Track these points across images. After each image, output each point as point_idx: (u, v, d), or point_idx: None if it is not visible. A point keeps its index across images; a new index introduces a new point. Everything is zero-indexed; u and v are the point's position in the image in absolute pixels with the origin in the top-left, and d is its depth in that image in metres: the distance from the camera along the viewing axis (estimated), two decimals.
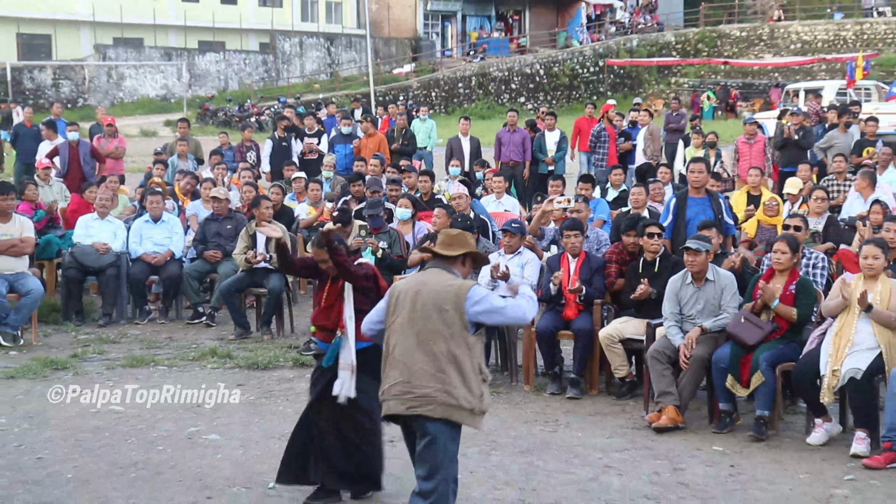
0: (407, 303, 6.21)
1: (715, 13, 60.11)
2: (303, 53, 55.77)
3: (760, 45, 55.01)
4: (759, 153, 18.98)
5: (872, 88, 36.44)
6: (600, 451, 8.65)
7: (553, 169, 19.86)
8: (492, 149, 21.26)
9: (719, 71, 52.60)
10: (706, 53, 54.52)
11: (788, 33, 54.90)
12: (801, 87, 37.43)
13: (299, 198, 15.78)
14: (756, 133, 19.38)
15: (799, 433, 9.11)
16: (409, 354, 6.15)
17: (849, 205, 14.15)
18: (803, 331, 9.28)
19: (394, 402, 6.19)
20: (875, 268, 8.86)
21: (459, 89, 50.87)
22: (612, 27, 59.99)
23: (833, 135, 19.18)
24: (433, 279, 6.26)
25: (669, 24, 61.73)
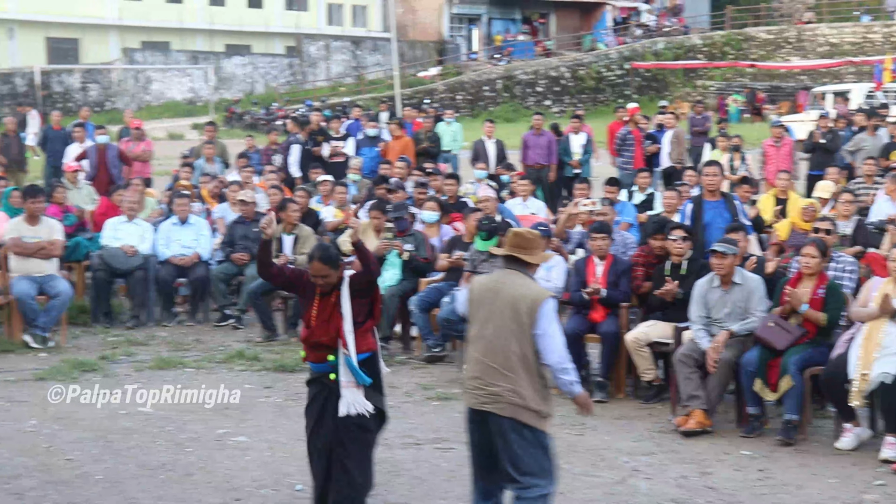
0: (486, 301, 6.35)
1: (741, 16, 59.89)
2: (329, 56, 55.91)
3: (787, 47, 54.76)
4: (786, 156, 18.88)
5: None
6: (627, 455, 8.64)
7: (579, 172, 19.83)
8: (517, 151, 21.25)
9: (746, 74, 52.40)
10: (732, 56, 54.29)
11: (816, 36, 54.63)
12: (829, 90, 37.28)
13: (325, 201, 15.81)
14: (783, 136, 19.29)
15: (828, 437, 9.06)
16: (484, 351, 6.29)
17: (877, 208, 14.05)
18: (832, 334, 9.25)
19: (468, 396, 6.38)
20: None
21: (485, 92, 50.86)
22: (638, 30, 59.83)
23: (861, 138, 19.08)
24: (513, 280, 6.39)
25: (695, 27, 61.51)
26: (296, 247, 12.95)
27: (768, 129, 21.10)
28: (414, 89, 48.71)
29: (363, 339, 6.85)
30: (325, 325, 6.83)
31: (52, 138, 21.53)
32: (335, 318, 6.79)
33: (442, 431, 9.25)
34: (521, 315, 6.23)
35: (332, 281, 6.82)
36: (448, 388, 10.68)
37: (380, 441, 8.82)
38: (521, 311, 6.24)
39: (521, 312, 6.24)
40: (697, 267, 10.26)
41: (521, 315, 6.23)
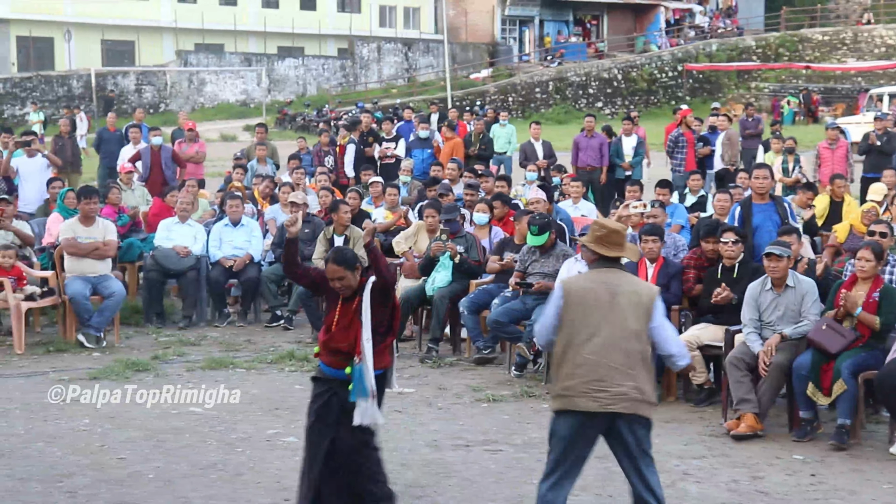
0: (597, 303, 6.26)
1: (796, 17, 59.36)
2: (380, 58, 56.08)
3: (843, 48, 54.21)
4: (841, 158, 18.69)
5: None
6: (678, 458, 8.58)
7: (630, 174, 19.75)
8: (568, 154, 21.20)
9: (800, 75, 51.93)
10: (787, 58, 53.82)
11: (872, 37, 54.03)
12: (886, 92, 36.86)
13: (376, 202, 15.85)
14: (838, 138, 19.09)
15: (882, 442, 8.96)
16: (604, 353, 6.21)
17: None
18: (887, 338, 9.14)
19: (584, 400, 6.23)
20: None
21: (536, 94, 50.78)
22: (692, 31, 59.50)
23: None
24: (621, 279, 6.38)
25: (749, 29, 61.05)
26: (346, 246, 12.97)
27: (823, 131, 20.88)
28: (465, 91, 48.74)
29: (380, 356, 6.73)
30: (345, 332, 6.74)
31: (106, 139, 21.75)
32: (355, 324, 6.68)
33: (491, 433, 9.24)
34: (641, 311, 6.26)
35: (351, 284, 6.74)
36: (497, 389, 10.67)
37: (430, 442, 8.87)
38: (642, 308, 6.27)
39: (641, 309, 6.27)
40: (749, 270, 10.18)
41: (642, 311, 6.26)
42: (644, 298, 6.31)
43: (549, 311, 6.40)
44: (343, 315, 6.75)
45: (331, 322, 6.82)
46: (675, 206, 14.45)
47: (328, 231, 13.15)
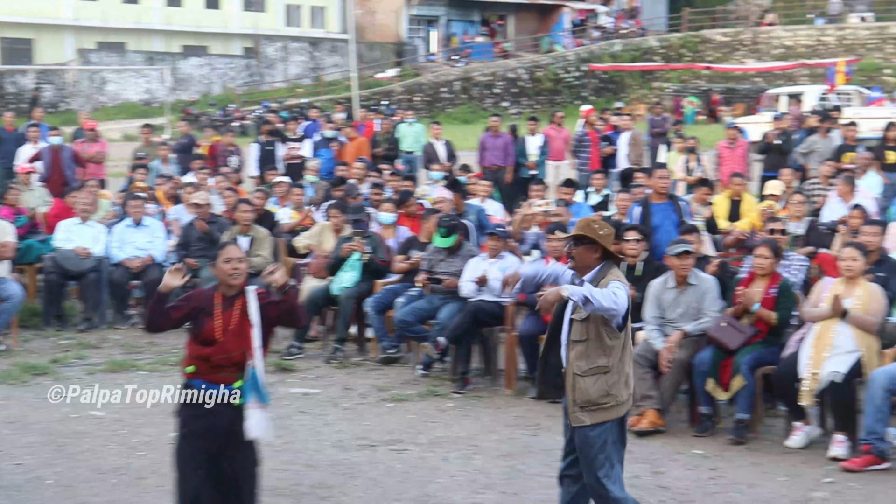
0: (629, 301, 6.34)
1: (698, 18, 60.27)
2: (287, 58, 55.75)
3: (743, 50, 55.19)
4: (740, 158, 19.03)
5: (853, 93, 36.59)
6: None
7: (535, 173, 19.89)
8: (471, 153, 21.29)
9: (702, 76, 52.75)
10: (689, 58, 54.63)
11: (771, 38, 55.08)
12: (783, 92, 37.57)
13: (282, 202, 15.76)
14: (737, 137, 19.44)
15: (779, 436, 9.15)
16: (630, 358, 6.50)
17: (829, 209, 14.19)
18: (784, 334, 9.34)
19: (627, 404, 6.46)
20: (854, 270, 8.93)
21: (442, 94, 50.88)
22: (596, 32, 60.06)
23: (814, 140, 19.25)
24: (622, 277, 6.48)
25: (652, 29, 61.84)
26: (251, 248, 12.90)
27: (723, 130, 21.24)
28: (372, 91, 48.66)
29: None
30: (237, 339, 6.29)
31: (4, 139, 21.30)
32: (246, 328, 6.31)
33: (397, 433, 9.25)
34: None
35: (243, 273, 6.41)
36: (403, 389, 10.69)
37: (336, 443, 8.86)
38: None
39: None
40: (652, 268, 10.32)
41: None
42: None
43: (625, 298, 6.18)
44: (228, 320, 6.31)
45: (211, 332, 6.29)
46: (579, 205, 14.59)
47: (233, 231, 13.06)
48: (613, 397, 6.28)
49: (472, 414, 9.92)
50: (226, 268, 6.37)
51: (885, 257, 10.40)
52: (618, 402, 6.30)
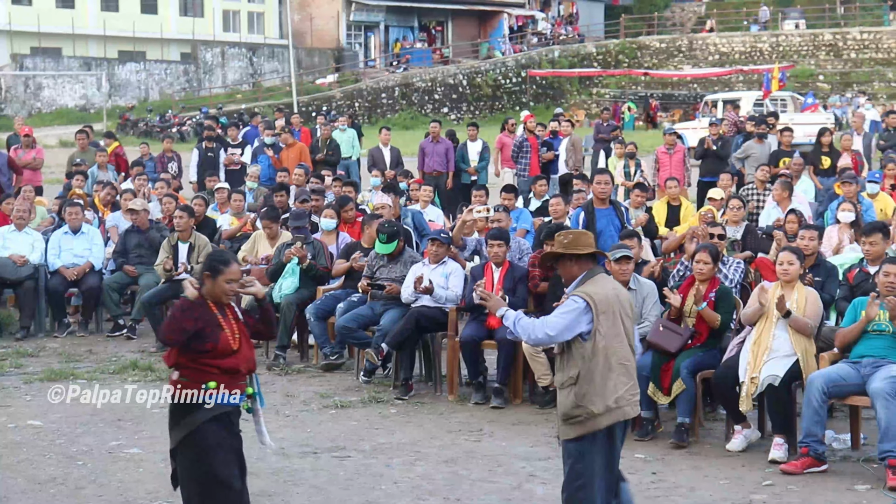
0: (619, 308, 6.32)
1: (635, 25, 60.83)
2: (225, 63, 55.42)
3: (679, 56, 55.75)
4: (678, 163, 19.21)
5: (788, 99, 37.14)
6: (524, 460, 8.69)
7: (476, 179, 19.93)
8: (414, 159, 21.29)
9: (640, 82, 53.21)
10: (627, 64, 55.13)
11: (707, 45, 55.72)
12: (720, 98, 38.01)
13: (222, 209, 15.67)
14: (675, 143, 19.63)
15: (719, 440, 9.23)
16: (628, 358, 6.37)
17: (766, 214, 14.37)
18: (723, 338, 9.42)
19: (630, 408, 6.36)
20: (790, 273, 9.04)
21: (383, 100, 50.86)
22: (534, 38, 60.38)
23: (750, 145, 19.48)
24: (615, 284, 6.54)
25: (590, 36, 62.32)
26: (191, 255, 12.81)
27: (661, 136, 21.43)
28: (311, 96, 48.55)
29: None
30: (248, 346, 6.37)
31: None
32: (246, 334, 6.37)
33: (339, 440, 9.22)
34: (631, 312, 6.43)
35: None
36: (345, 395, 10.66)
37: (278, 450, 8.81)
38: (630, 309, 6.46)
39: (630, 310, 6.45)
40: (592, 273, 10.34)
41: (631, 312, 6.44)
42: (627, 300, 6.48)
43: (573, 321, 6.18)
44: (234, 329, 6.29)
45: (228, 345, 6.23)
46: (520, 210, 14.64)
47: (172, 238, 12.96)
48: (584, 409, 6.25)
49: (414, 420, 9.91)
50: (226, 288, 6.30)
51: (821, 261, 10.55)
52: (591, 414, 6.23)
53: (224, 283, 6.27)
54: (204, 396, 6.17)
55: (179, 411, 6.22)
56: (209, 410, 6.18)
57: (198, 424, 6.18)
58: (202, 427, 6.18)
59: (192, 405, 6.19)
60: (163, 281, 12.79)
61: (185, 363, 6.25)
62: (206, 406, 6.17)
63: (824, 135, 18.88)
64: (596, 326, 6.22)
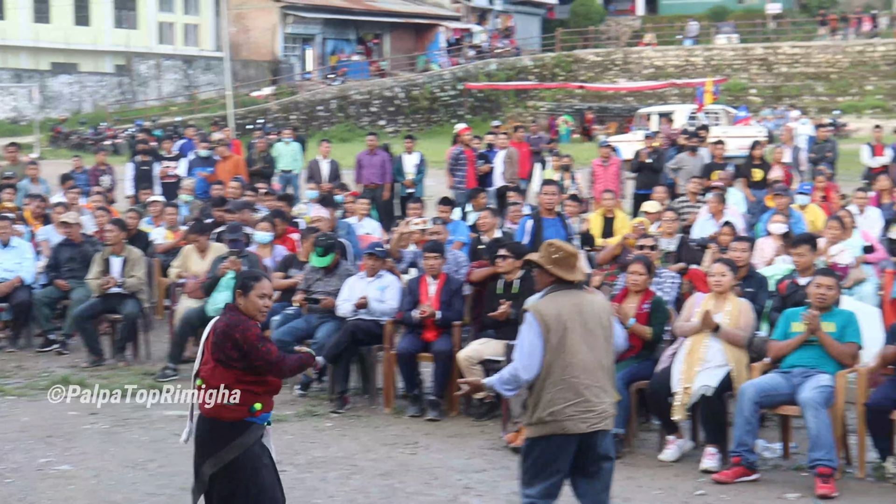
0: (573, 324, 6.29)
1: (571, 38, 61.24)
2: (160, 75, 54.99)
3: (615, 69, 56.22)
4: (613, 176, 19.36)
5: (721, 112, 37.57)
6: (460, 473, 8.70)
7: (412, 191, 19.95)
8: (348, 171, 21.27)
9: (575, 95, 53.57)
10: (563, 77, 55.46)
11: (641, 58, 56.25)
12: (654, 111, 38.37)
13: (156, 222, 15.53)
14: (610, 156, 19.79)
15: (653, 450, 9.29)
16: (587, 373, 6.31)
17: (700, 226, 14.52)
18: (657, 349, 9.50)
19: (571, 423, 6.29)
20: (723, 285, 9.14)
21: (319, 112, 50.73)
22: (471, 51, 60.59)
23: (683, 158, 19.70)
24: (583, 299, 6.44)
25: (527, 49, 62.64)
26: (124, 269, 12.68)
27: (597, 149, 21.59)
28: (247, 109, 48.28)
29: None
30: None
31: None
32: None
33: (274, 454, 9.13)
34: (607, 328, 6.43)
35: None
36: (280, 409, 10.53)
37: None
38: (607, 325, 6.44)
39: (607, 326, 6.43)
40: (530, 284, 10.38)
41: (608, 328, 6.43)
42: (606, 313, 6.50)
43: (530, 344, 6.27)
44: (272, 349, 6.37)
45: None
46: (456, 223, 14.66)
47: (105, 252, 12.82)
48: (525, 416, 6.34)
49: (350, 433, 9.88)
50: (259, 304, 6.31)
51: (753, 273, 10.68)
52: (539, 420, 6.29)
53: (257, 298, 6.28)
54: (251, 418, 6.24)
55: (227, 434, 6.20)
56: (256, 432, 6.25)
57: (247, 447, 6.21)
58: (251, 449, 6.23)
59: (240, 428, 6.19)
60: (95, 295, 12.64)
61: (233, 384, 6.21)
62: (254, 428, 6.22)
63: (756, 147, 19.15)
64: (544, 342, 6.27)
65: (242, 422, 6.21)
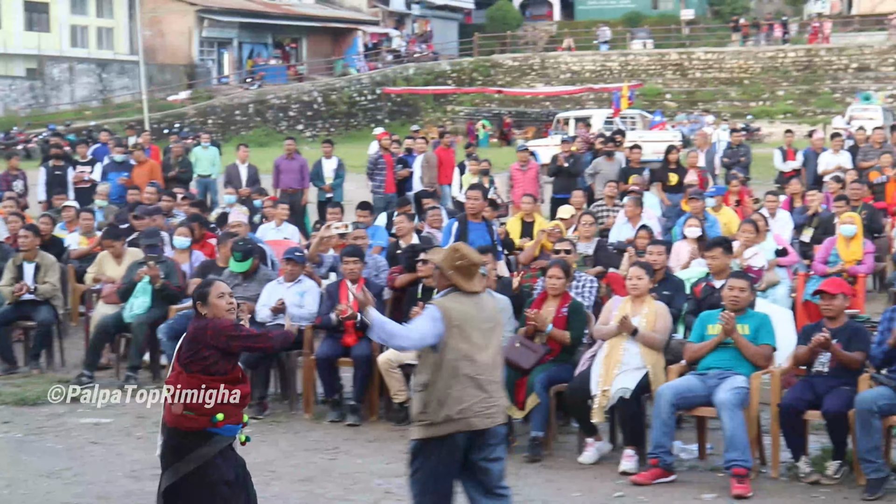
0: (472, 321, 6.42)
1: (488, 43, 61.51)
2: (73, 79, 54.13)
3: (532, 74, 56.58)
4: (532, 180, 19.47)
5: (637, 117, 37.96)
6: (380, 477, 8.69)
7: (331, 196, 19.89)
8: (266, 176, 21.14)
9: (493, 99, 53.81)
10: (481, 82, 55.67)
11: (559, 63, 56.68)
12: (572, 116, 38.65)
13: (70, 227, 15.30)
14: (529, 160, 19.90)
15: (572, 452, 9.35)
16: (487, 371, 6.46)
17: (617, 230, 14.67)
18: (576, 352, 9.57)
19: (477, 419, 6.38)
20: (639, 288, 9.25)
21: (237, 117, 50.35)
22: (389, 56, 60.60)
23: (599, 162, 19.88)
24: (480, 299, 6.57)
25: (444, 54, 62.81)
26: (37, 276, 12.47)
27: (515, 153, 21.70)
28: (164, 113, 47.76)
29: None
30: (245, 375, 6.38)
31: None
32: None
33: None
34: (499, 326, 6.63)
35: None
36: None
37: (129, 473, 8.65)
38: (500, 322, 6.68)
39: (499, 324, 6.64)
40: None
41: (499, 326, 6.65)
42: (499, 314, 6.73)
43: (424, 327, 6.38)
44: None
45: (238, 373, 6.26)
46: (375, 227, 14.64)
47: (17, 258, 12.60)
48: (426, 415, 6.38)
49: (269, 439, 9.82)
50: (223, 304, 6.24)
51: (670, 276, 10.81)
52: (431, 421, 6.35)
53: (217, 300, 6.25)
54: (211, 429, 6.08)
55: (185, 445, 6.10)
56: (217, 443, 6.09)
57: (207, 458, 6.07)
58: (211, 462, 6.08)
59: (200, 438, 6.08)
60: (7, 302, 12.42)
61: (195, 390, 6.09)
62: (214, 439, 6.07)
63: (671, 152, 19.38)
64: (446, 338, 6.35)
65: (204, 431, 6.08)
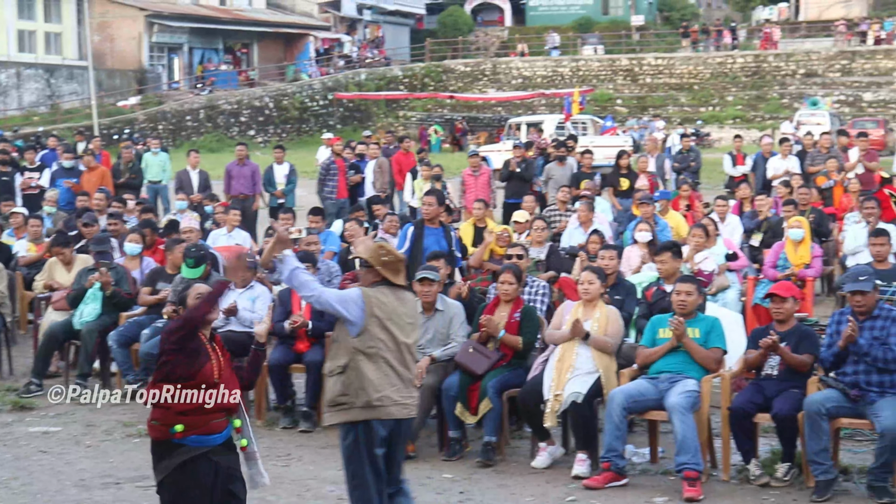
0: (397, 316, 6.63)
1: (440, 49, 61.63)
2: (20, 84, 53.54)
3: (484, 79, 56.72)
4: (484, 185, 19.50)
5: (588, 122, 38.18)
6: (332, 484, 8.65)
7: (283, 202, 19.81)
8: (217, 182, 21.02)
9: (445, 105, 53.88)
10: (432, 88, 55.77)
11: (510, 69, 56.88)
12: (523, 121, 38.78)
13: (18, 234, 15.13)
14: (480, 165, 19.93)
15: (524, 457, 9.37)
16: (402, 364, 6.69)
17: (569, 235, 14.72)
18: (528, 357, 9.59)
19: (396, 409, 6.60)
20: (591, 293, 9.29)
21: (187, 122, 50.07)
22: (341, 61, 60.51)
23: (551, 167, 19.96)
24: (403, 295, 6.81)
25: (396, 59, 62.85)
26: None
27: (467, 158, 21.74)
28: (113, 119, 47.42)
29: None
30: (231, 380, 6.12)
31: None
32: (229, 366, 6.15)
33: (143, 469, 8.95)
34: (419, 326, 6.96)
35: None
36: None
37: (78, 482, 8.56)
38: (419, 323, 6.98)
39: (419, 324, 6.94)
40: None
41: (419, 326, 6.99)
42: (416, 314, 7.01)
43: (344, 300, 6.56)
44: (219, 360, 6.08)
45: (210, 376, 6.01)
46: (327, 232, 14.62)
47: None
48: (347, 398, 6.55)
49: None
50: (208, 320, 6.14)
51: (621, 280, 10.87)
52: (367, 403, 6.53)
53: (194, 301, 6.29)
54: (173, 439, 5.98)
55: (155, 454, 6.09)
56: (182, 454, 5.96)
57: (171, 469, 5.99)
58: (176, 470, 5.98)
59: (164, 449, 6.02)
60: None
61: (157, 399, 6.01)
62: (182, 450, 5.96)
63: (622, 157, 19.50)
64: (366, 324, 6.57)
65: (168, 442, 5.99)
